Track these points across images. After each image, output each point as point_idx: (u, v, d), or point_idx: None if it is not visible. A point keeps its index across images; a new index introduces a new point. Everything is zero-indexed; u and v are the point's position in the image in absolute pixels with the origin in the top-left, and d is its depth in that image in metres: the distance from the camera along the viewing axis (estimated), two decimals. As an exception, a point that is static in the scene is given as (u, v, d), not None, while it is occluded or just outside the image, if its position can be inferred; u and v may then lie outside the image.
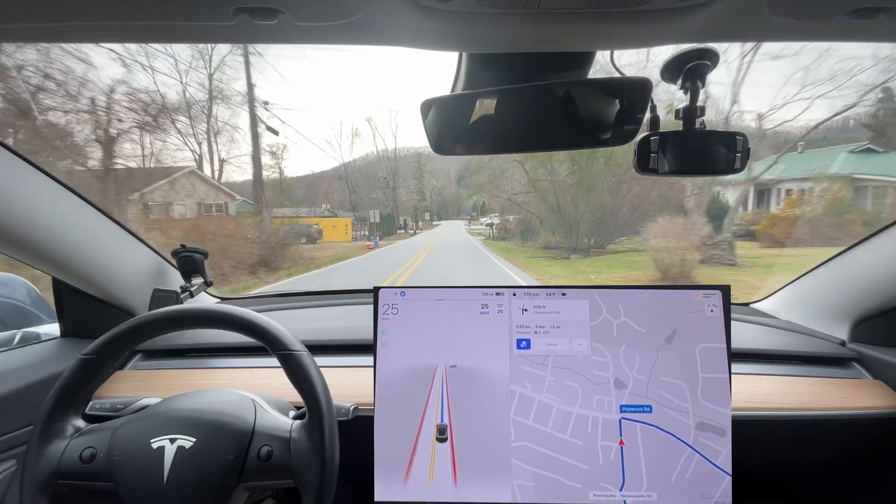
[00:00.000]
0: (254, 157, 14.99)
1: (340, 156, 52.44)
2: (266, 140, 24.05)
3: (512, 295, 0.69)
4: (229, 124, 18.90)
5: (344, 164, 42.05)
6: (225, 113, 22.51)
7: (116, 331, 0.62)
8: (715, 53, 0.59)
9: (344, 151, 59.66)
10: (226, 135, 18.75)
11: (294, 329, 0.65)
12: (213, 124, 15.90)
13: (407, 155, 51.93)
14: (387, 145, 72.66)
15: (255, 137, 15.10)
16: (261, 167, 15.52)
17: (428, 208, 55.57)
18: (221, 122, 16.40)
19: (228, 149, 20.97)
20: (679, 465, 0.64)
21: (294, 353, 0.61)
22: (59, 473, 0.57)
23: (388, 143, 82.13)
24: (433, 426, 0.67)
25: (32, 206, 0.76)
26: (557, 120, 0.66)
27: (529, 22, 0.46)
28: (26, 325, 1.23)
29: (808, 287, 1.07)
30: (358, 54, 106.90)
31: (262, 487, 0.61)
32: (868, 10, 0.43)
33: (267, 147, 32.63)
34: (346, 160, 44.19)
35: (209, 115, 15.76)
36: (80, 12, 0.44)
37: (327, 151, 61.03)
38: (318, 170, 54.27)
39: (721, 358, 0.66)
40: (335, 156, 51.54)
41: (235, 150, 21.59)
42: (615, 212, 12.14)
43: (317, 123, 73.23)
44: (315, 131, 70.19)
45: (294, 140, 63.48)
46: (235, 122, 21.30)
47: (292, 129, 45.39)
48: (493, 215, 40.54)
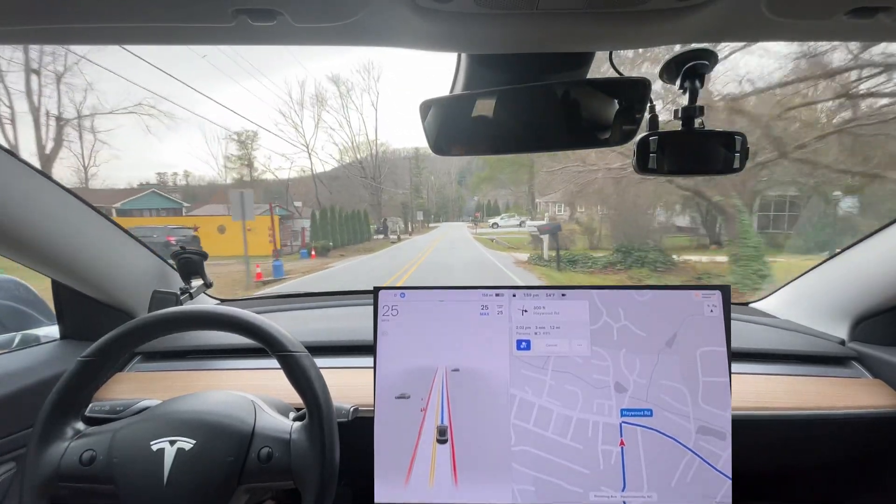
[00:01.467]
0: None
1: (303, 134, 38.65)
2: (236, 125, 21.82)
3: (512, 296, 0.69)
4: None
5: (306, 144, 33.96)
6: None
7: (116, 333, 0.62)
8: (713, 53, 0.59)
9: (307, 132, 45.39)
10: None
11: (294, 330, 0.65)
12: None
13: (406, 154, 46.46)
14: (366, 125, 58.49)
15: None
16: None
17: (422, 206, 48.06)
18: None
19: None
20: (680, 469, 0.64)
21: (294, 354, 0.61)
22: (58, 476, 0.57)
23: (369, 122, 69.76)
24: (433, 427, 0.67)
25: (32, 209, 0.76)
26: (556, 120, 0.66)
27: (528, 22, 0.46)
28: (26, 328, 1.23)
29: (807, 286, 1.07)
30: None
31: (262, 489, 0.61)
32: (866, 10, 0.43)
33: (235, 135, 28.54)
34: (312, 144, 35.93)
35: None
36: (78, 15, 0.44)
37: (283, 128, 44.87)
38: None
39: (721, 361, 0.66)
40: (295, 140, 37.30)
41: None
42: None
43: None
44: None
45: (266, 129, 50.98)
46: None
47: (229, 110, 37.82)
48: (507, 215, 32.43)
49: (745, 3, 0.43)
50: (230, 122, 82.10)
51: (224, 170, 33.39)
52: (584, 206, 12.08)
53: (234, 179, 30.61)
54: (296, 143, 36.12)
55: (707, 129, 0.63)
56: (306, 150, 34.35)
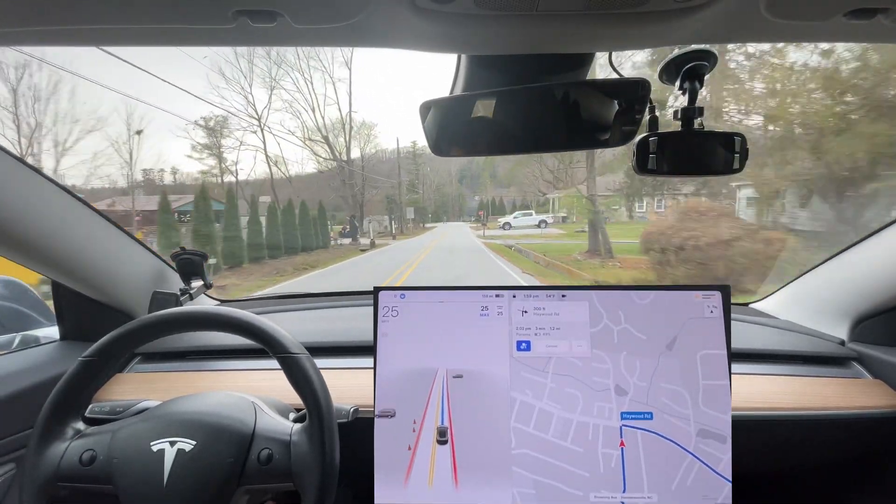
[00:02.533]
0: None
1: (252, 104, 29.53)
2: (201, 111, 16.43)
3: (512, 296, 0.69)
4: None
5: (259, 118, 24.69)
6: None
7: (117, 333, 0.62)
8: (713, 54, 0.59)
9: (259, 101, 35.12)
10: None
11: (294, 331, 0.65)
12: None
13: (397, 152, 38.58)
14: (338, 94, 42.81)
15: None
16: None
17: (417, 203, 38.38)
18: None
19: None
20: (680, 472, 0.64)
21: (294, 356, 0.61)
22: (58, 475, 0.57)
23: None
24: (433, 428, 0.66)
25: (32, 209, 0.76)
26: (556, 121, 0.66)
27: (527, 23, 0.46)
28: (25, 329, 1.23)
29: (807, 287, 1.07)
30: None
31: (261, 490, 0.61)
32: (865, 11, 0.43)
33: (201, 120, 22.05)
34: (266, 117, 26.91)
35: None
36: (78, 16, 0.44)
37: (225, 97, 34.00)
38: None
39: (722, 364, 0.66)
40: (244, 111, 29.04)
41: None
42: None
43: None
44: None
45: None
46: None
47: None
48: (521, 213, 23.73)
49: (744, 4, 0.43)
50: (192, 108, 67.53)
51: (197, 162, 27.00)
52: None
53: (201, 172, 25.49)
54: (244, 114, 25.90)
55: (706, 130, 0.63)
56: (257, 122, 25.10)
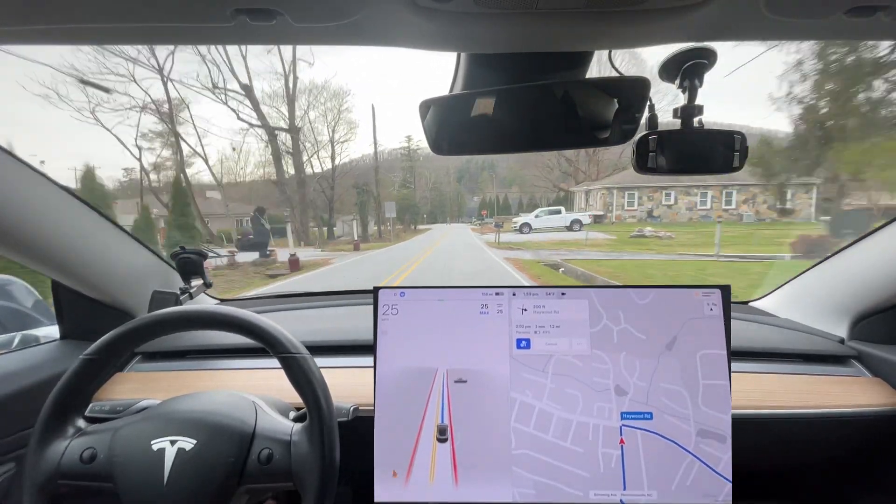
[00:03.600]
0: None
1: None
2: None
3: (512, 295, 0.69)
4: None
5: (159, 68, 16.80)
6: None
7: (119, 331, 0.62)
8: (713, 52, 0.59)
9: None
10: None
11: (294, 330, 0.65)
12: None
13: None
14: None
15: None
16: None
17: (405, 197, 34.09)
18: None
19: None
20: (680, 472, 0.64)
21: (295, 356, 0.61)
22: (59, 473, 0.57)
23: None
24: (433, 426, 0.67)
25: (32, 209, 0.76)
26: (556, 119, 0.66)
27: (527, 22, 0.46)
28: (25, 328, 1.23)
29: (806, 285, 1.08)
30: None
31: (262, 490, 0.61)
32: (865, 9, 0.43)
33: (152, 104, 16.94)
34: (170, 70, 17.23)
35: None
36: (78, 15, 0.44)
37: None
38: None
39: (721, 364, 0.66)
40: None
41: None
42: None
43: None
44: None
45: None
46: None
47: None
48: (544, 210, 19.02)
49: (744, 2, 0.43)
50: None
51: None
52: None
53: (150, 165, 20.03)
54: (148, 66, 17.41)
55: (706, 128, 0.63)
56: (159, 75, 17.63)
